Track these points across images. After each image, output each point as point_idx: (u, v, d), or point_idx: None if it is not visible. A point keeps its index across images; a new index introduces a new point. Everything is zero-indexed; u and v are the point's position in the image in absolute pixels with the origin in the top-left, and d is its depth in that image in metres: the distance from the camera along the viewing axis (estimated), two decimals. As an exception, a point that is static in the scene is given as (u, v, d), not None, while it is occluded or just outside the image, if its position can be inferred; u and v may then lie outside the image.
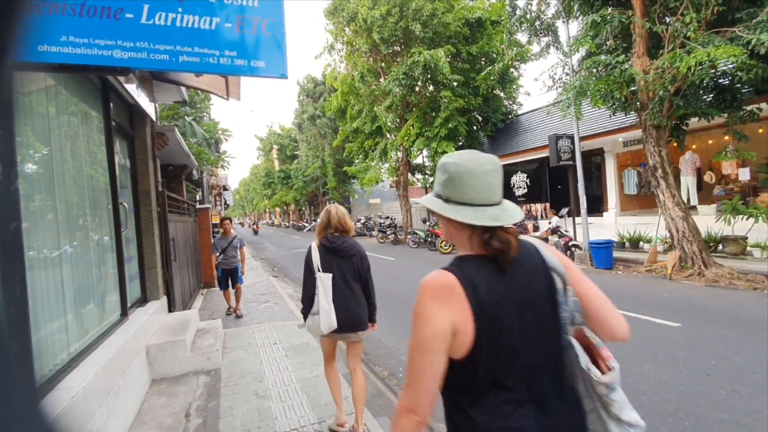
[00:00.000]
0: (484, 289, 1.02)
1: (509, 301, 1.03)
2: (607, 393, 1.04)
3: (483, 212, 1.08)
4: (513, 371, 1.03)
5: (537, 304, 1.07)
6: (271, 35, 1.81)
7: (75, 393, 2.48)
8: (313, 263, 2.93)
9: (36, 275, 2.57)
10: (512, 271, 1.06)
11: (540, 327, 1.06)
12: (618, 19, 8.04)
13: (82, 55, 1.58)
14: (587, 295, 1.13)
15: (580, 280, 1.15)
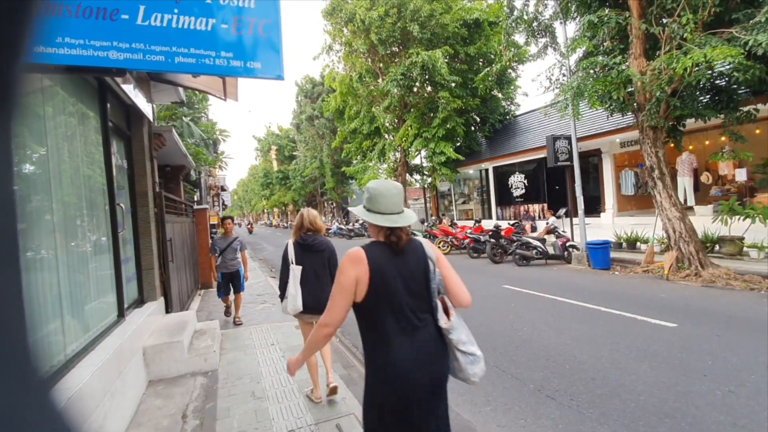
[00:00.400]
0: (380, 260, 1.70)
1: (395, 270, 1.71)
2: (448, 334, 1.76)
3: (388, 218, 1.75)
4: (391, 313, 1.70)
5: (415, 275, 1.75)
6: (267, 36, 1.81)
7: (71, 395, 2.47)
8: (288, 257, 3.51)
9: (32, 276, 2.56)
10: (402, 254, 1.76)
11: (416, 289, 1.74)
12: (615, 20, 8.06)
13: (78, 57, 1.57)
14: (446, 276, 1.82)
15: (444, 266, 1.83)
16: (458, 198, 22.18)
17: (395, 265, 1.72)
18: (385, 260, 1.71)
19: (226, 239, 6.50)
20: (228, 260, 6.45)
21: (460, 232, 14.60)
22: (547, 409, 3.43)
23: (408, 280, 1.72)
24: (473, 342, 1.81)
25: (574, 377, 3.97)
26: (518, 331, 5.43)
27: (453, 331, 1.75)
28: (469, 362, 1.77)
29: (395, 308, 1.69)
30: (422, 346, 1.70)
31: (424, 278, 1.76)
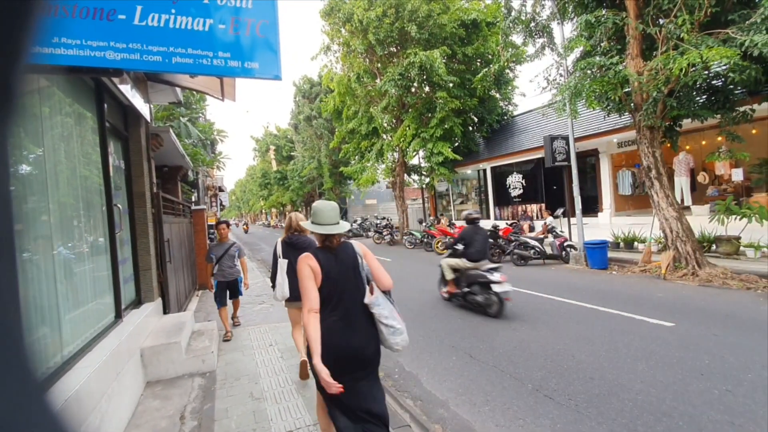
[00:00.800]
0: (323, 258, 2.32)
1: (334, 266, 2.32)
2: (371, 308, 2.31)
3: (324, 228, 2.38)
4: (334, 298, 2.29)
5: (348, 269, 2.36)
6: (264, 37, 1.80)
7: (68, 396, 2.46)
8: (277, 252, 4.19)
9: (29, 277, 2.55)
10: (336, 254, 2.38)
11: (350, 279, 2.34)
12: (612, 20, 8.09)
13: (75, 57, 1.57)
14: (372, 267, 2.43)
15: (370, 259, 2.46)
16: (456, 198, 22.19)
17: (333, 262, 2.35)
18: (326, 259, 2.34)
19: (222, 245, 5.96)
20: (225, 268, 5.89)
21: (458, 232, 14.61)
22: (546, 408, 3.44)
23: (342, 272, 2.35)
24: (395, 317, 2.38)
25: (572, 377, 3.97)
26: (516, 331, 5.44)
27: (375, 307, 2.32)
28: (390, 333, 2.35)
29: (334, 292, 2.30)
30: (350, 319, 2.31)
31: (353, 270, 2.39)
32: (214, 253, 5.90)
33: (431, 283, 9.14)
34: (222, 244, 5.98)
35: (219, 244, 6.00)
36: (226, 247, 5.94)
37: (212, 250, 5.95)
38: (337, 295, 2.30)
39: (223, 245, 5.96)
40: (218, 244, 6.02)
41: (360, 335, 2.31)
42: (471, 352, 4.82)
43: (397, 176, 20.02)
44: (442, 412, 3.54)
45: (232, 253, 5.96)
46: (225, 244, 5.97)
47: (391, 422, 3.19)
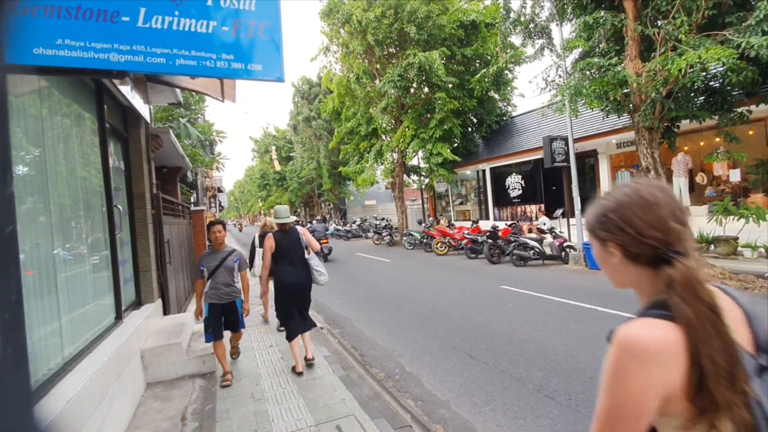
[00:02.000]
0: (278, 237, 4.46)
1: (284, 240, 4.46)
2: (309, 261, 4.54)
3: (280, 220, 4.52)
4: (286, 257, 4.43)
5: (294, 241, 4.49)
6: (267, 39, 1.81)
7: (69, 397, 2.46)
8: (255, 243, 6.54)
9: (29, 278, 2.55)
10: (287, 234, 4.51)
11: (295, 246, 4.48)
12: (611, 21, 8.12)
13: (78, 58, 1.57)
14: (308, 240, 4.56)
15: (307, 236, 4.59)
16: (456, 199, 22.22)
17: (284, 238, 4.44)
18: (280, 237, 4.44)
19: (217, 254, 4.40)
20: (221, 286, 4.31)
21: (457, 232, 14.63)
22: (546, 408, 3.45)
23: (291, 243, 4.46)
24: (321, 266, 4.60)
25: (572, 377, 3.98)
26: (516, 332, 5.45)
27: (311, 260, 4.53)
28: (318, 275, 4.54)
29: (286, 254, 4.38)
30: (294, 270, 4.38)
31: (297, 242, 4.49)
32: (205, 264, 4.34)
33: (431, 283, 9.16)
34: (216, 252, 4.42)
35: (213, 252, 4.46)
36: (222, 257, 4.36)
37: (203, 261, 4.39)
38: (288, 255, 4.44)
39: (217, 254, 4.39)
40: (212, 252, 4.48)
41: (300, 274, 4.47)
42: (471, 353, 4.83)
43: (397, 177, 20.03)
44: (443, 412, 3.54)
45: (230, 265, 4.36)
46: (221, 253, 4.39)
47: (393, 422, 3.21)
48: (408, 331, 5.88)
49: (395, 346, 5.28)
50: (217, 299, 4.30)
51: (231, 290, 4.36)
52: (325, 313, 7.28)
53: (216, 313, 4.31)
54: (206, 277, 4.34)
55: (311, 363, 4.46)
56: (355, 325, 6.43)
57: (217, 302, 4.30)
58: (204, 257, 4.46)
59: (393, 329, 6.01)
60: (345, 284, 9.82)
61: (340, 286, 9.65)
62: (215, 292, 4.30)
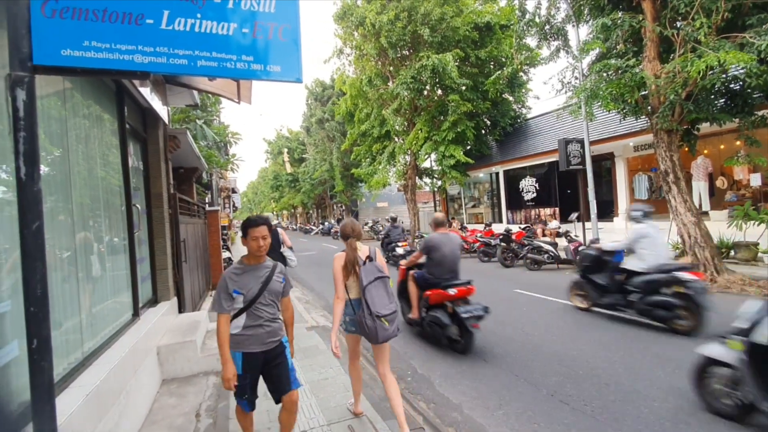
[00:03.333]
0: None
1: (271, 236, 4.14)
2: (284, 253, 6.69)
3: None
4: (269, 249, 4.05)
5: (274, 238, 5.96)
6: (286, 40, 1.84)
7: (89, 391, 2.52)
8: None
9: (52, 275, 2.62)
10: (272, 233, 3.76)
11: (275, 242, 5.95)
12: (629, 23, 8.00)
13: (104, 60, 1.61)
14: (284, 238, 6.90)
15: (284, 235, 6.94)
16: (468, 202, 22.11)
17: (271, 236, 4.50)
18: None
19: (256, 272, 2.73)
20: (265, 322, 2.71)
21: (470, 235, 14.55)
22: (561, 413, 3.40)
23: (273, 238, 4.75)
24: (292, 255, 6.87)
25: (587, 382, 3.93)
26: (530, 336, 5.39)
27: (285, 252, 6.68)
28: (290, 261, 6.70)
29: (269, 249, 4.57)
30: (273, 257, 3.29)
31: (276, 238, 6.45)
32: (239, 289, 2.65)
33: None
34: (254, 268, 2.73)
35: (247, 268, 2.73)
36: (264, 276, 2.72)
37: (233, 283, 2.66)
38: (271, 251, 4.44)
39: (256, 271, 2.72)
40: (245, 268, 2.73)
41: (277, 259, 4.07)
42: (484, 357, 4.80)
43: (409, 179, 20.02)
44: (455, 415, 3.52)
45: (277, 289, 2.77)
46: (260, 269, 2.74)
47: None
48: (418, 334, 5.86)
49: (407, 348, 5.27)
50: (260, 345, 2.65)
51: (278, 327, 2.74)
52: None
53: (255, 367, 2.67)
54: (239, 309, 2.63)
55: None
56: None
57: (257, 350, 2.65)
58: (233, 277, 2.64)
59: (404, 331, 6.00)
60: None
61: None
62: (255, 334, 2.64)
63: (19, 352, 2.14)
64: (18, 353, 2.14)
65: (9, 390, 2.08)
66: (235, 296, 2.62)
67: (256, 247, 2.64)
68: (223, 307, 2.59)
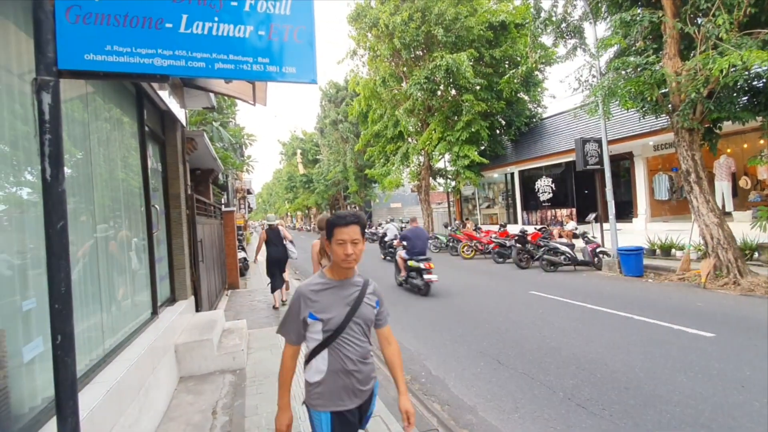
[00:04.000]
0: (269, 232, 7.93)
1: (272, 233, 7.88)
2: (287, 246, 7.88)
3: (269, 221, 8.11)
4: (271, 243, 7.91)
5: (277, 234, 7.87)
6: (301, 42, 1.86)
7: (110, 387, 2.58)
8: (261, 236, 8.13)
9: (74, 273, 2.69)
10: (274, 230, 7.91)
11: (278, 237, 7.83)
12: (648, 19, 7.84)
13: (125, 64, 1.65)
14: (286, 235, 7.93)
15: (285, 232, 8.03)
16: (482, 202, 21.93)
17: (272, 233, 7.83)
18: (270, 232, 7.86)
19: (341, 290, 1.83)
20: (354, 362, 1.82)
21: (484, 236, 14.43)
22: (578, 417, 3.35)
23: (275, 235, 7.82)
24: (294, 248, 7.87)
25: (605, 386, 3.85)
26: (547, 338, 5.32)
27: (288, 245, 7.81)
28: (292, 254, 7.85)
29: (271, 241, 7.72)
30: (278, 247, 7.69)
31: (278, 235, 7.82)
32: (319, 313, 1.78)
33: (457, 287, 9.07)
34: (339, 285, 1.85)
35: (328, 283, 1.84)
36: (352, 297, 1.85)
37: (309, 302, 1.80)
38: (272, 242, 7.70)
39: (342, 290, 1.84)
40: (325, 283, 1.84)
41: (280, 252, 7.66)
42: (499, 358, 4.75)
43: (423, 180, 19.97)
44: (470, 417, 3.50)
45: (368, 315, 1.89)
46: (347, 287, 1.86)
47: (419, 425, 3.19)
48: (434, 334, 5.84)
49: (421, 349, 5.26)
50: (352, 397, 1.84)
51: (370, 370, 1.92)
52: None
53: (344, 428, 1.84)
54: (318, 344, 1.82)
55: (285, 302, 7.65)
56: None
57: (352, 407, 1.84)
58: (310, 295, 1.81)
59: (419, 332, 5.99)
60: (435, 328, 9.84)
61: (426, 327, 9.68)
62: (346, 385, 1.82)
63: (44, 348, 2.21)
64: (43, 349, 2.20)
65: (34, 385, 2.15)
66: (311, 323, 1.78)
67: (342, 255, 1.75)
68: (290, 334, 1.83)
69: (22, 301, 2.12)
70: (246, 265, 12.89)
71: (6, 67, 2.18)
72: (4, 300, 1.97)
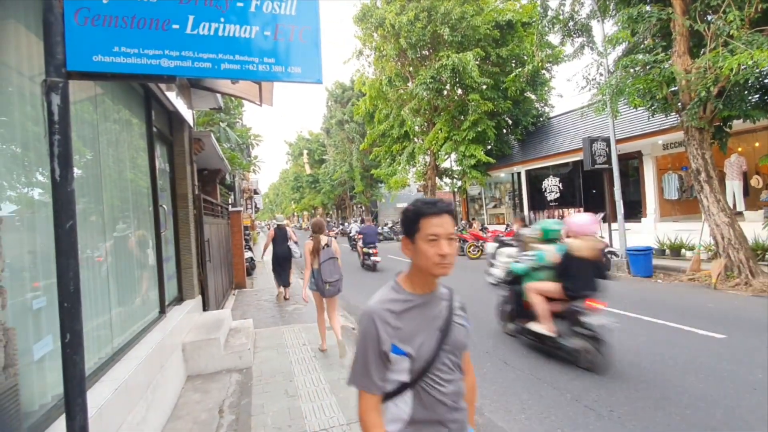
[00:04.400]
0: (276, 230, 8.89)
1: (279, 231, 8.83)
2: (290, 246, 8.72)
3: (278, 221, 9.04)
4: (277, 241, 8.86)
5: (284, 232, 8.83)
6: (307, 42, 1.86)
7: (118, 385, 2.61)
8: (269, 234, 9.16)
9: (83, 273, 2.72)
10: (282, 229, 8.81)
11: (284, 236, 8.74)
12: (657, 16, 7.75)
13: (133, 65, 1.67)
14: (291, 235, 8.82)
15: (291, 231, 8.95)
16: (489, 202, 21.83)
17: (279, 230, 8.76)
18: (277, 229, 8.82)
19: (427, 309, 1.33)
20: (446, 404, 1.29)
21: (491, 236, 14.36)
22: (586, 419, 3.32)
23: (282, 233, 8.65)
24: (297, 247, 8.49)
25: (614, 388, 3.82)
26: (553, 339, 5.27)
27: (291, 245, 8.53)
28: (295, 252, 8.50)
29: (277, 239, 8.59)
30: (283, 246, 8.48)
31: (285, 234, 8.62)
32: (406, 347, 1.24)
33: (463, 287, 9.04)
34: (424, 301, 1.34)
35: (411, 299, 1.32)
36: (440, 318, 1.34)
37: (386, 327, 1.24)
38: (279, 241, 8.57)
39: (426, 308, 1.33)
40: (407, 299, 1.32)
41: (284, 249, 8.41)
42: (506, 359, 4.73)
43: (429, 180, 19.93)
44: (476, 418, 3.48)
45: (460, 340, 1.36)
46: (432, 304, 1.36)
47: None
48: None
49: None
50: None
51: (464, 417, 1.37)
52: (356, 314, 7.34)
53: None
54: (399, 385, 1.28)
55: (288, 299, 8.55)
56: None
57: None
58: (388, 318, 1.26)
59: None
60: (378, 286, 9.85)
61: (373, 287, 9.70)
62: None
63: (54, 346, 2.24)
64: (53, 347, 2.23)
65: (44, 382, 2.18)
66: (395, 359, 1.25)
67: (436, 257, 1.28)
68: (373, 380, 1.25)
69: (32, 300, 2.15)
70: (253, 264, 12.96)
71: (17, 69, 2.22)
72: (15, 299, 2.00)
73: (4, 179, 2.10)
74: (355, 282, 9.14)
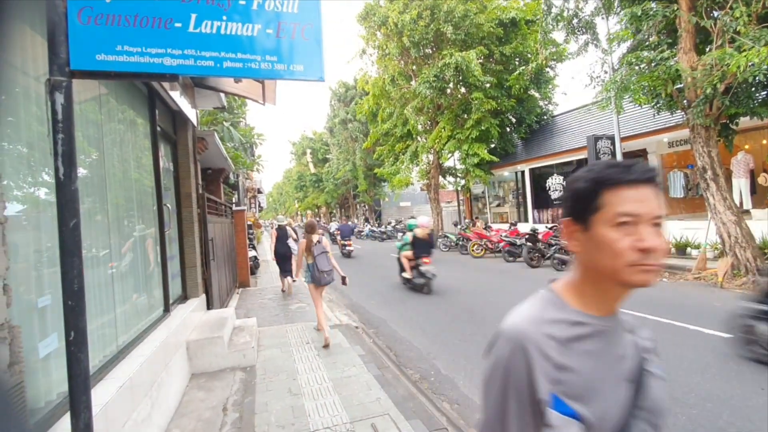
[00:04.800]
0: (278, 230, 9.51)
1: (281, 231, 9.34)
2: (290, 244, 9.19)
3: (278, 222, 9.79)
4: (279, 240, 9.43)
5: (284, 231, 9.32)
6: (309, 40, 1.86)
7: (123, 383, 2.62)
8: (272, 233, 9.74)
9: (88, 271, 2.74)
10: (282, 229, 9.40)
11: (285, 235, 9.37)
12: (662, 13, 7.68)
13: (136, 63, 1.67)
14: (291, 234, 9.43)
15: (291, 232, 9.49)
16: (492, 201, 21.77)
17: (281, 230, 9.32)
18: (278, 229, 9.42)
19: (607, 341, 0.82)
20: None
21: (494, 235, 14.33)
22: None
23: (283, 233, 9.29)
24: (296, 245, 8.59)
25: (617, 387, 3.79)
26: (557, 337, 5.26)
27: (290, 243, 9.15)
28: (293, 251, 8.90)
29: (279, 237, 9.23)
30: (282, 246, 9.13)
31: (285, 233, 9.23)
32: (572, 400, 0.76)
33: (467, 286, 9.02)
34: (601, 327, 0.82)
35: (584, 323, 0.81)
36: (628, 358, 0.86)
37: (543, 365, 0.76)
38: (280, 239, 9.11)
39: (606, 340, 0.83)
40: (580, 322, 0.81)
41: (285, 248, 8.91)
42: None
43: (432, 178, 19.90)
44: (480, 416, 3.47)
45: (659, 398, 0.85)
46: (614, 335, 0.85)
47: (428, 424, 3.18)
48: (444, 333, 5.82)
49: (430, 348, 5.24)
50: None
51: None
52: (359, 313, 7.35)
53: None
54: None
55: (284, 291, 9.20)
56: (389, 325, 6.44)
57: None
58: (547, 350, 0.77)
59: (428, 331, 5.97)
60: (380, 285, 9.86)
61: (375, 287, 9.70)
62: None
63: (59, 344, 2.25)
64: (58, 345, 2.25)
65: (50, 380, 2.19)
66: (557, 419, 0.76)
67: (631, 254, 0.77)
68: None
69: (37, 298, 2.16)
70: (257, 263, 13.00)
71: (22, 69, 2.23)
72: (20, 297, 2.02)
73: (11, 179, 2.11)
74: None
